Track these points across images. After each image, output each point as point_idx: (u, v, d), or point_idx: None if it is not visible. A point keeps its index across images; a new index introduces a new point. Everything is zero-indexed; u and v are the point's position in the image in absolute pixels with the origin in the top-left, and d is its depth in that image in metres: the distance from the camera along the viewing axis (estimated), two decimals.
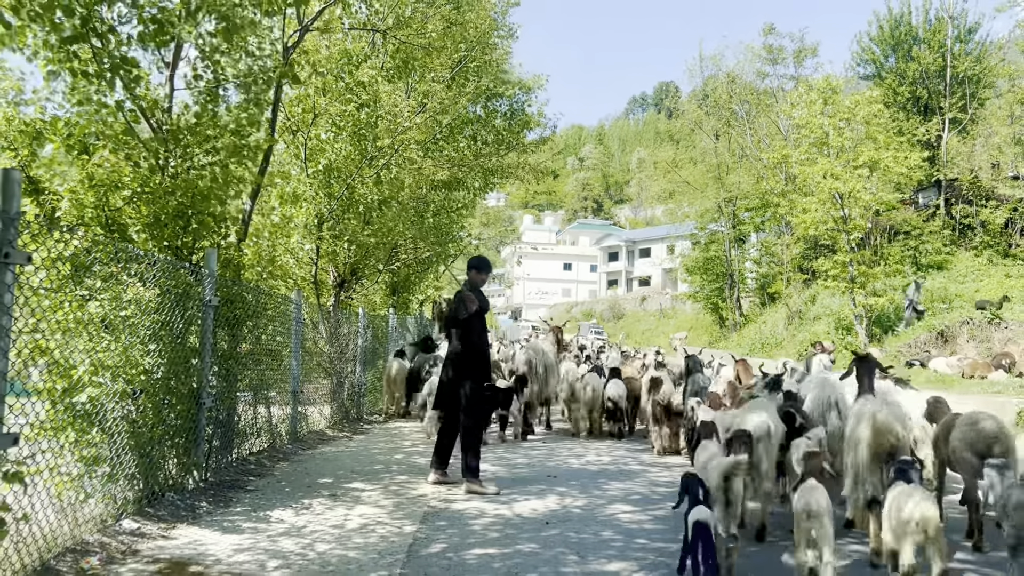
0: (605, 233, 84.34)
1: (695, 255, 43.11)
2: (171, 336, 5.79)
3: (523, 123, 17.03)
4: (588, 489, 7.23)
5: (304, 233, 10.99)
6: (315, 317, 11.50)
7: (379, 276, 14.93)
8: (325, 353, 11.30)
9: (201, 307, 6.29)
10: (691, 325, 54.67)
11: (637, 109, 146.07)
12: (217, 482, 6.53)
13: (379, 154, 11.18)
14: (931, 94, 33.30)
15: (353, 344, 11.96)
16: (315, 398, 10.81)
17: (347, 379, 11.70)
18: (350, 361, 11.85)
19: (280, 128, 11.16)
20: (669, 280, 71.43)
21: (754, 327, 37.34)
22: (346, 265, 11.98)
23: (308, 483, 6.95)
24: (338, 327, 11.64)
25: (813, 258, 35.60)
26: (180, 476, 6.02)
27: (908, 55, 33.59)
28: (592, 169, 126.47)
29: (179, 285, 5.84)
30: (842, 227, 23.38)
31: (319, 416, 10.80)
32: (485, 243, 29.16)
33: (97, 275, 5.10)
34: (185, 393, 6.06)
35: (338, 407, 11.40)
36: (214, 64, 7.26)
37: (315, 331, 11.43)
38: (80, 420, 4.78)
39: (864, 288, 22.88)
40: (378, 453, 8.97)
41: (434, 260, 16.64)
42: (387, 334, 14.63)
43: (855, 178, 22.11)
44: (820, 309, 32.43)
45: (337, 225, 11.43)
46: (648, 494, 7.07)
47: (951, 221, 31.23)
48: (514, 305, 77.91)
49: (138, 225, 6.24)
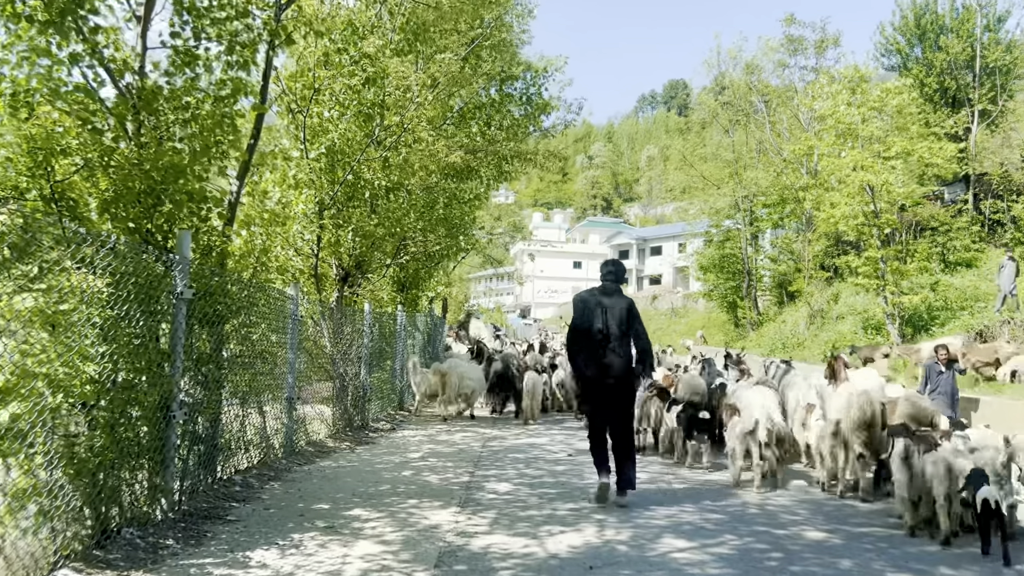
0: (615, 231, 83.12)
1: (710, 252, 41.87)
2: (131, 336, 4.73)
3: (540, 107, 15.94)
4: (628, 514, 6.16)
5: (304, 222, 9.93)
6: (316, 314, 10.46)
7: (386, 271, 13.86)
8: (327, 354, 10.26)
9: (172, 301, 5.23)
10: (703, 324, 53.50)
11: (647, 107, 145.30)
12: (191, 511, 5.47)
13: (387, 134, 10.10)
14: (959, 85, 32.02)
15: (357, 344, 10.90)
16: (315, 403, 9.75)
17: (351, 382, 10.65)
18: (354, 363, 10.80)
19: (276, 102, 10.12)
20: (680, 279, 70.26)
21: (773, 326, 36.11)
22: (350, 257, 10.91)
23: (301, 510, 5.89)
24: (341, 325, 10.60)
25: (835, 255, 34.43)
26: (144, 506, 4.97)
27: (935, 45, 32.31)
28: (601, 167, 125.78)
29: (139, 273, 4.78)
30: (873, 222, 22.18)
31: (320, 424, 9.76)
32: (495, 240, 28.11)
33: (33, 258, 4.05)
34: (151, 405, 5.00)
35: (341, 413, 10.35)
36: (194, 19, 6.21)
37: (316, 329, 10.39)
38: (2, 441, 3.73)
39: (897, 286, 21.66)
40: (384, 468, 7.90)
41: (445, 254, 15.56)
42: (395, 333, 13.58)
43: (887, 170, 20.91)
44: (843, 308, 31.23)
45: (340, 213, 10.36)
46: (700, 523, 6.00)
47: (979, 217, 29.96)
48: (523, 303, 76.83)
49: (96, 201, 5.18)
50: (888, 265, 21.83)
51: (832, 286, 33.37)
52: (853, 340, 25.78)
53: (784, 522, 6.13)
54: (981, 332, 20.43)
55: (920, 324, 23.07)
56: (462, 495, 6.66)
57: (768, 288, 40.11)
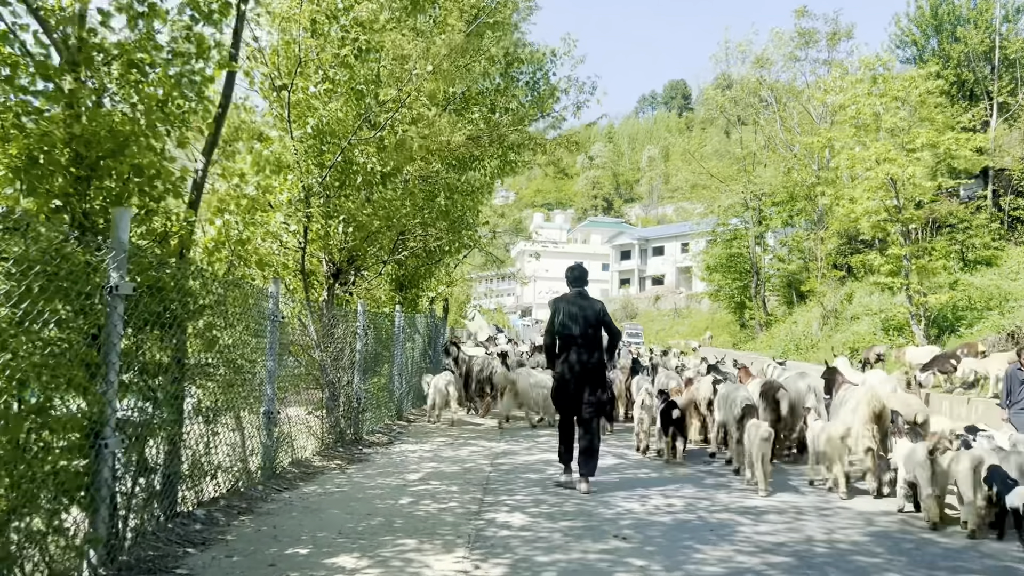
0: (617, 231, 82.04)
1: (718, 251, 40.74)
2: (43, 344, 3.61)
3: (548, 93, 14.82)
4: (674, 558, 5.04)
5: (289, 211, 8.80)
6: (303, 315, 9.34)
7: (383, 268, 12.74)
8: (315, 359, 9.14)
9: (103, 297, 4.11)
10: (707, 325, 52.41)
11: (647, 108, 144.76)
12: (134, 562, 4.34)
13: (382, 110, 8.96)
14: (977, 78, 30.91)
15: (350, 348, 9.78)
16: (303, 415, 8.62)
17: (343, 391, 9.53)
18: (346, 369, 9.67)
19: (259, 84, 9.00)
20: (683, 279, 69.29)
21: (783, 327, 34.96)
22: (342, 251, 9.77)
23: (272, 557, 4.75)
24: (332, 327, 9.47)
25: (848, 254, 33.29)
26: (64, 562, 3.84)
27: (952, 37, 31.18)
28: (602, 168, 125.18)
29: (54, 262, 3.66)
30: (896, 217, 21.05)
31: (308, 437, 8.63)
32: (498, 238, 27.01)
33: None
34: (74, 429, 3.88)
35: (331, 426, 9.22)
36: None
37: (303, 332, 9.26)
38: None
39: (922, 284, 20.53)
40: (378, 495, 6.77)
41: (446, 250, 14.42)
42: (393, 336, 12.45)
43: (912, 162, 19.77)
44: (858, 308, 30.09)
45: (330, 201, 9.23)
46: (761, 568, 4.88)
47: (999, 214, 28.79)
48: (524, 304, 75.75)
49: (2, 169, 4.07)
50: (913, 263, 20.70)
51: (845, 285, 32.24)
52: (873, 342, 24.67)
53: (864, 568, 5.02)
54: (1013, 333, 19.30)
55: (945, 325, 21.92)
56: (470, 532, 5.53)
57: (776, 288, 38.96)
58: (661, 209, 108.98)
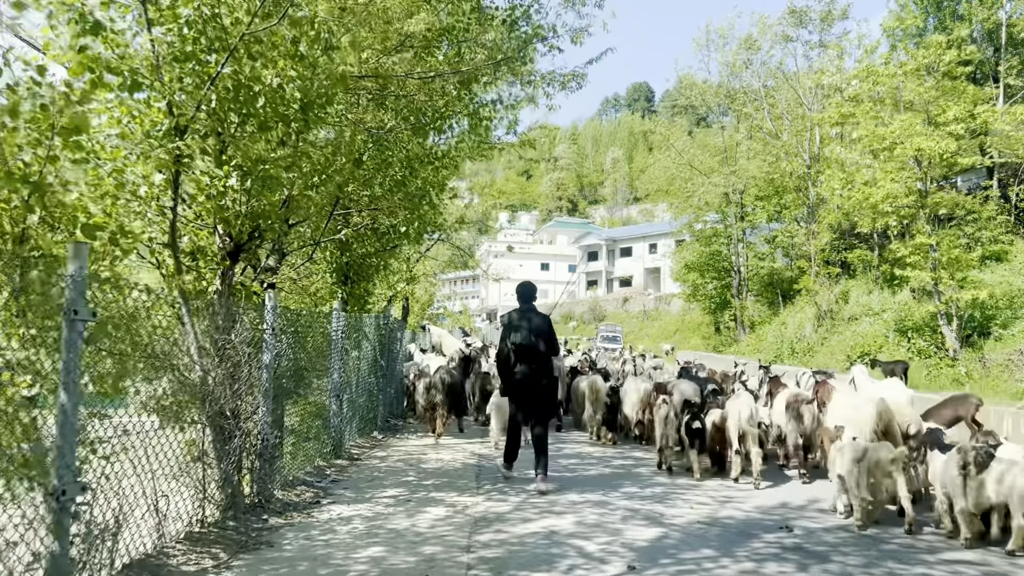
0: (584, 232, 79.42)
1: (696, 249, 37.96)
2: None
3: (530, 36, 11.70)
4: None
5: (146, 148, 5.52)
6: (174, 311, 6.00)
7: (314, 250, 9.42)
8: (193, 380, 5.83)
9: None
10: (677, 327, 49.76)
11: (610, 110, 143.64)
12: None
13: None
14: (982, 59, 28.52)
15: (255, 362, 6.47)
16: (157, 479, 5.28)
17: (242, 426, 6.23)
18: (248, 393, 6.38)
19: None
20: (652, 280, 66.91)
21: (770, 329, 32.27)
22: (241, 219, 6.48)
23: None
24: (226, 330, 6.18)
25: (843, 249, 30.72)
26: None
27: (955, 15, 28.76)
28: (566, 169, 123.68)
29: None
30: (921, 202, 18.36)
31: (168, 509, 5.33)
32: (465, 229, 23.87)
33: None
34: None
35: (221, 484, 5.93)
36: None
37: (172, 338, 5.93)
38: None
39: (954, 279, 17.80)
40: None
41: (403, 231, 11.14)
42: (329, 343, 9.16)
43: (943, 136, 17.05)
44: (856, 307, 27.51)
45: (220, 138, 5.95)
46: None
47: (1007, 206, 26.32)
48: (489, 307, 72.53)
49: None
50: (944, 253, 17.96)
51: (839, 283, 29.65)
52: (884, 345, 22.00)
53: None
54: None
55: (973, 326, 19.22)
56: None
57: (757, 288, 36.25)
58: (626, 211, 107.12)
